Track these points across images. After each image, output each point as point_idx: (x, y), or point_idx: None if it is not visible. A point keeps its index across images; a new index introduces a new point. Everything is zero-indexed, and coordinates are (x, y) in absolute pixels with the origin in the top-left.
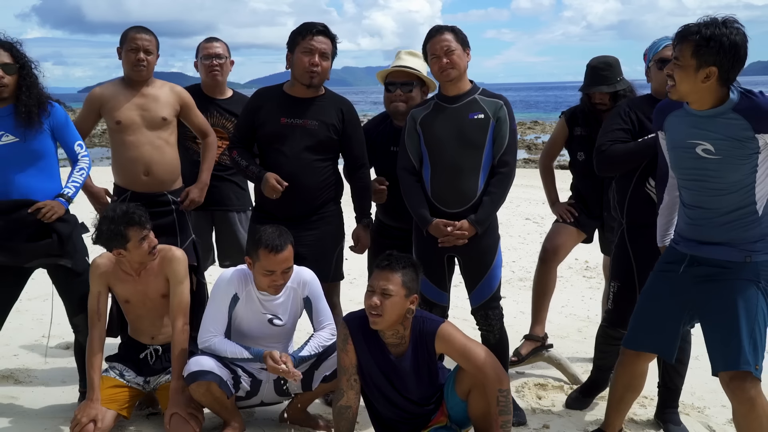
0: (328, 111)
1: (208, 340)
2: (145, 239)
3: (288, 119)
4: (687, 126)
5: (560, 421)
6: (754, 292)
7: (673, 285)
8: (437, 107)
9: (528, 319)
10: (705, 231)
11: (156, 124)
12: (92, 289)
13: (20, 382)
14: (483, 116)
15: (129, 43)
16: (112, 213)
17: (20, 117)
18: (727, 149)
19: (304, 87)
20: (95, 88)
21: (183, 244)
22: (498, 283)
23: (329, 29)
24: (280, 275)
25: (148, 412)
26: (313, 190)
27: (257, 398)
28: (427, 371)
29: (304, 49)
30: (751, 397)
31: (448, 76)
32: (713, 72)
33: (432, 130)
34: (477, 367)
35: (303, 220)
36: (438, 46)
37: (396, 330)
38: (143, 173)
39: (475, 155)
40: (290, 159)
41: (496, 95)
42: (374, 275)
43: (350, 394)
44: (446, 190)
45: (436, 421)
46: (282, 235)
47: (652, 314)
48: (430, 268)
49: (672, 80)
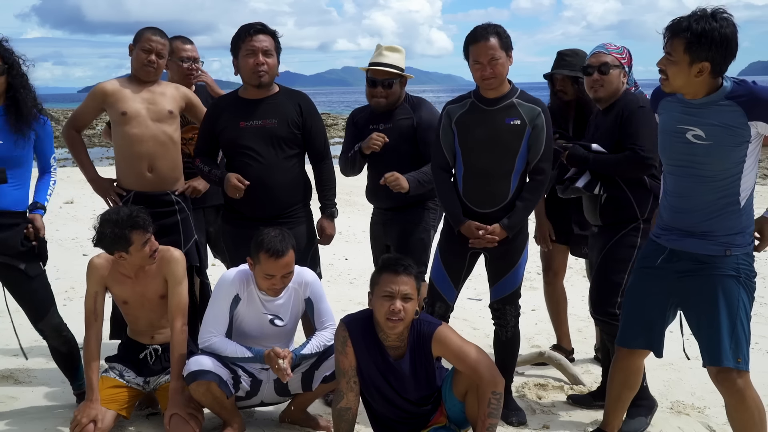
0: (285, 107)
1: (208, 340)
2: (147, 243)
3: (247, 122)
4: (678, 112)
5: (560, 421)
6: (735, 286)
7: (656, 282)
8: (474, 107)
9: (528, 319)
10: (686, 219)
11: (162, 117)
12: (89, 290)
13: (20, 382)
14: (519, 122)
15: (143, 44)
16: (115, 216)
17: (11, 121)
18: (719, 135)
19: (255, 88)
20: (102, 82)
21: (186, 244)
22: (520, 281)
23: (267, 26)
24: (280, 279)
25: (148, 413)
26: (280, 190)
27: (257, 398)
28: (424, 373)
29: (246, 52)
30: (739, 389)
31: (490, 85)
32: (706, 67)
33: (467, 132)
34: (472, 369)
35: (272, 220)
36: (483, 54)
37: (401, 333)
38: (147, 169)
39: (509, 160)
40: (255, 161)
41: (535, 100)
42: (390, 280)
43: (350, 395)
44: (478, 191)
45: (436, 421)
46: (284, 239)
47: (639, 312)
48: (451, 261)
49: (664, 75)
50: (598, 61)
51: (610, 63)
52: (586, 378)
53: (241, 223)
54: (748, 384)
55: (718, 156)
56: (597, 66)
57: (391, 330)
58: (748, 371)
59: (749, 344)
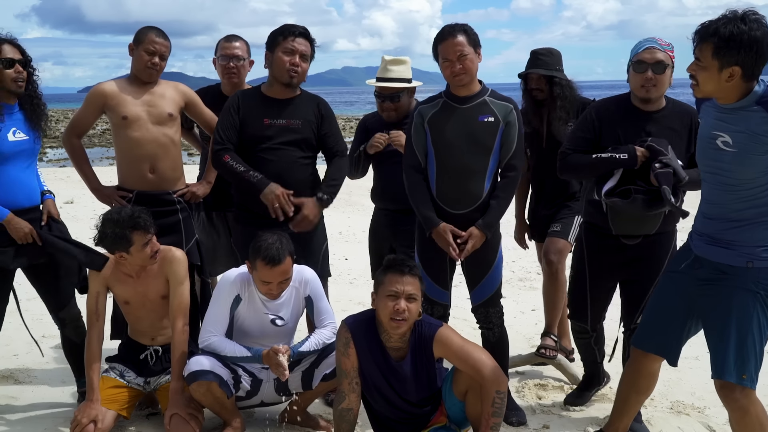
0: (306, 110)
1: (207, 339)
2: (149, 243)
3: (271, 120)
4: (713, 118)
5: (560, 421)
6: (752, 302)
7: (677, 286)
8: (446, 106)
9: (528, 319)
10: (713, 226)
11: (162, 120)
12: (91, 289)
13: (20, 382)
14: (493, 119)
15: (146, 45)
16: (117, 216)
17: (29, 115)
18: (743, 142)
19: (283, 87)
20: (100, 84)
21: (187, 244)
22: (499, 281)
23: (309, 33)
24: (277, 285)
25: (148, 413)
26: (298, 189)
27: (257, 398)
28: (426, 375)
29: (285, 49)
30: (741, 405)
31: (461, 81)
32: (737, 71)
33: (440, 131)
34: (475, 369)
35: (288, 219)
36: (451, 51)
37: (404, 333)
38: (149, 170)
39: (484, 158)
40: (276, 159)
41: (506, 98)
42: (394, 280)
43: (351, 396)
44: (452, 190)
45: (436, 421)
46: (282, 246)
47: (658, 315)
48: (432, 267)
49: (695, 80)
50: (654, 58)
51: (664, 61)
52: None
53: (255, 221)
54: (752, 400)
55: (742, 164)
56: (651, 63)
57: (394, 330)
58: (753, 389)
59: (760, 362)
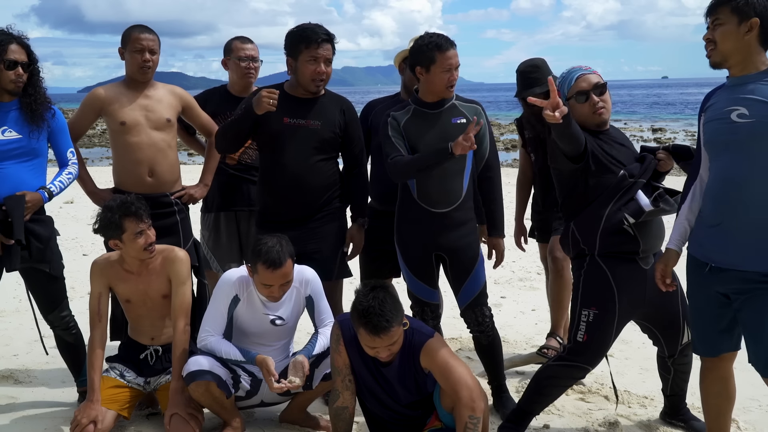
0: (330, 110)
1: (204, 339)
2: (142, 234)
3: (291, 119)
4: (725, 98)
5: (560, 421)
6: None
7: (708, 296)
8: (417, 113)
9: (528, 319)
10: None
11: (160, 125)
12: (93, 290)
13: (20, 382)
14: (465, 121)
15: (134, 44)
16: (111, 202)
17: (26, 114)
18: (761, 111)
19: (310, 93)
20: (96, 89)
21: (185, 245)
22: (483, 281)
23: (331, 35)
24: (278, 288)
25: (148, 413)
26: (317, 191)
27: (257, 398)
28: (413, 382)
29: (309, 58)
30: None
31: (452, 92)
32: (756, 23)
33: (417, 135)
34: (452, 388)
35: (308, 219)
36: (452, 62)
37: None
38: (148, 174)
39: (460, 158)
40: (294, 160)
41: (472, 100)
42: (372, 340)
43: (346, 394)
44: (433, 191)
45: (431, 425)
46: (282, 249)
47: (710, 320)
48: (419, 267)
49: (712, 44)
50: (590, 84)
51: (600, 80)
52: (587, 377)
53: (274, 226)
54: None
55: (761, 134)
56: (591, 88)
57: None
58: None
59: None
